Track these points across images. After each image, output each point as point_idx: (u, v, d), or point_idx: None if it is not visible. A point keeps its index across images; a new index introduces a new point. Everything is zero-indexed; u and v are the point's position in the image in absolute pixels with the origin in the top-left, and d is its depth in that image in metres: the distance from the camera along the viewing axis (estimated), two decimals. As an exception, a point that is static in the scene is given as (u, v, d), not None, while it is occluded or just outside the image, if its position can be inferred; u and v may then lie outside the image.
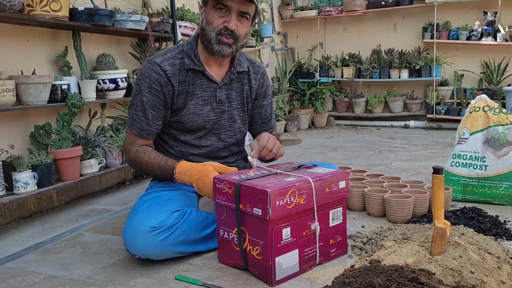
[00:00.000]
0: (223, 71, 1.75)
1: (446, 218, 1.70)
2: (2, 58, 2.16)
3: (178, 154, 1.75)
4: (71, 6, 2.37)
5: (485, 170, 2.15)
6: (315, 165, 1.64)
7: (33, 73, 2.28)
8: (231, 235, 1.47)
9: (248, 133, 1.96)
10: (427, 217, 1.92)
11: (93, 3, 2.55)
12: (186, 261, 1.59)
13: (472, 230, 1.59)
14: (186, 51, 1.70)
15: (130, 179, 3.04)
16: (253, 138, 1.97)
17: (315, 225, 1.45)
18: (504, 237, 1.71)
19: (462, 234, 1.51)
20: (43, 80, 2.16)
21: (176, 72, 1.67)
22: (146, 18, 2.80)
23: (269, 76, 1.97)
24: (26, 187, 2.03)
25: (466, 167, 2.20)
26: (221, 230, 1.51)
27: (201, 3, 1.67)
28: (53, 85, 2.26)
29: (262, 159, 1.67)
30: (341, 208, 1.56)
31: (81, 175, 2.34)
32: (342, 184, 1.53)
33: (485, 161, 2.15)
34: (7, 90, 2.02)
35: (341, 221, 1.56)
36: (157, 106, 1.67)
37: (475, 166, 2.18)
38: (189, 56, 1.69)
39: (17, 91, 2.10)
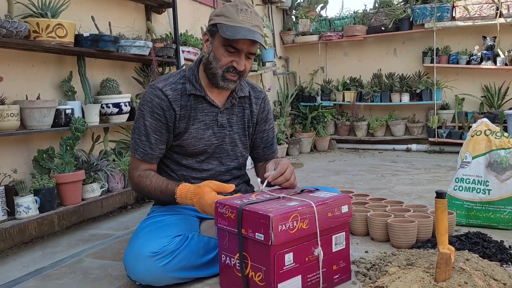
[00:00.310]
0: (225, 96, 1.77)
1: (450, 243, 1.69)
2: (7, 83, 2.19)
3: (180, 178, 1.75)
4: (76, 32, 2.42)
5: (489, 194, 2.13)
6: (317, 189, 1.63)
7: (38, 98, 2.31)
8: (233, 261, 1.45)
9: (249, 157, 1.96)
10: (431, 242, 1.90)
11: (98, 29, 2.60)
12: (187, 287, 1.57)
13: (477, 255, 1.58)
14: (188, 77, 1.72)
15: (132, 203, 3.03)
16: (254, 163, 1.97)
17: (318, 251, 1.44)
18: (509, 263, 1.68)
19: (467, 259, 1.49)
20: (47, 104, 2.18)
21: (178, 96, 1.69)
22: (150, 44, 2.85)
23: (271, 100, 1.99)
24: (28, 211, 2.02)
25: (469, 191, 2.19)
26: (223, 255, 1.49)
27: (206, 32, 1.68)
28: (57, 110, 2.28)
29: (270, 184, 1.66)
30: (344, 233, 1.55)
31: (83, 200, 2.34)
32: (344, 209, 1.52)
33: (488, 185, 2.14)
34: (12, 115, 2.04)
35: (344, 246, 1.55)
36: (160, 130, 1.68)
37: (478, 190, 2.17)
38: (190, 82, 1.71)
39: (21, 116, 2.12)
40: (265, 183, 1.59)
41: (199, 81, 1.71)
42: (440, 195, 1.32)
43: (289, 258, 1.36)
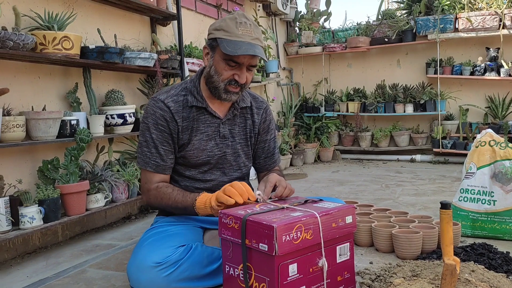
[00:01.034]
0: (226, 107, 1.78)
1: (455, 254, 1.68)
2: (13, 95, 2.21)
3: (183, 189, 1.75)
4: (82, 45, 2.45)
5: (494, 205, 2.12)
6: (321, 200, 1.63)
7: (44, 109, 2.33)
8: (236, 271, 1.44)
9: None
10: (437, 253, 1.88)
11: (103, 41, 2.63)
12: (191, 298, 1.56)
13: (483, 267, 1.56)
14: (189, 89, 1.73)
15: (135, 213, 3.03)
16: (257, 172, 1.97)
17: (323, 262, 1.43)
18: (516, 274, 1.66)
19: (473, 271, 1.48)
20: (53, 115, 2.20)
21: (180, 108, 1.70)
22: (155, 55, 2.87)
23: (274, 111, 2.00)
24: (32, 222, 2.03)
25: (474, 202, 2.18)
26: (226, 266, 1.49)
27: (206, 46, 1.69)
28: (62, 121, 2.30)
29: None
30: (348, 243, 1.54)
31: (87, 210, 2.34)
32: (349, 219, 1.51)
33: (493, 195, 2.13)
34: (17, 126, 2.05)
35: (348, 257, 1.54)
36: (167, 141, 1.69)
37: (483, 201, 2.15)
38: (192, 94, 1.72)
39: (27, 127, 2.14)
40: (261, 199, 1.59)
41: (200, 92, 1.72)
42: (445, 206, 1.31)
43: (293, 269, 1.35)
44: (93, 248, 2.31)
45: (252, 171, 2.01)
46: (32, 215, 2.03)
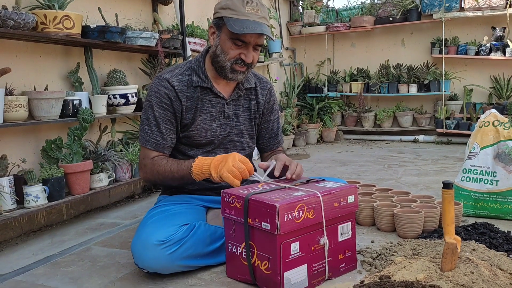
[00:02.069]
0: (231, 87, 1.77)
1: (457, 233, 1.69)
2: (15, 74, 2.20)
3: None
4: (83, 24, 2.42)
5: (496, 185, 2.12)
6: (323, 180, 1.64)
7: (46, 88, 2.33)
8: (239, 250, 1.46)
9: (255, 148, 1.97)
10: (438, 232, 1.90)
11: (105, 20, 2.60)
12: (194, 275, 1.59)
13: (484, 245, 1.57)
14: (194, 69, 1.73)
15: (139, 192, 3.05)
16: (260, 153, 1.97)
17: (324, 240, 1.44)
18: (516, 253, 1.68)
19: (473, 249, 1.49)
20: (55, 95, 2.20)
21: (184, 88, 1.69)
22: (157, 35, 2.85)
23: (277, 91, 1.99)
24: (37, 200, 2.05)
25: (476, 182, 2.18)
26: (229, 244, 1.51)
27: (212, 25, 1.68)
28: (64, 101, 2.29)
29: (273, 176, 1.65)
30: (350, 222, 1.55)
31: (90, 189, 2.36)
32: (351, 199, 1.52)
33: (496, 176, 2.13)
34: (20, 106, 2.05)
35: (350, 236, 1.55)
36: (170, 120, 1.69)
37: (485, 181, 2.16)
38: (197, 74, 1.71)
39: (29, 106, 2.14)
40: (266, 174, 1.60)
41: (205, 73, 1.71)
42: (447, 185, 1.32)
43: (295, 247, 1.37)
44: (98, 227, 2.34)
45: (255, 152, 2.01)
46: (36, 194, 2.05)
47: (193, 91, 1.71)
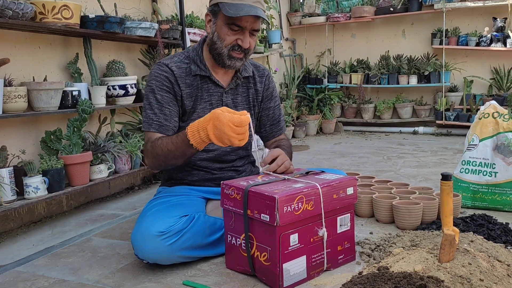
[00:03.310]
0: (229, 76, 1.77)
1: (455, 225, 1.70)
2: (14, 65, 2.19)
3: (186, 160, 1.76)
4: (82, 14, 2.41)
5: (495, 176, 2.13)
6: (323, 171, 1.64)
7: (45, 79, 2.32)
8: (238, 241, 1.47)
9: (257, 137, 1.96)
10: (436, 224, 1.91)
11: (103, 10, 2.59)
12: (194, 266, 1.60)
13: (482, 237, 1.58)
14: (192, 58, 1.73)
15: (138, 184, 3.06)
16: (263, 142, 1.96)
17: (323, 232, 1.45)
18: (514, 245, 1.69)
19: (472, 241, 1.50)
20: (54, 86, 2.19)
21: (183, 75, 1.70)
22: (156, 25, 2.83)
23: (277, 82, 1.98)
24: (37, 192, 2.05)
25: (475, 174, 2.18)
26: (228, 235, 1.51)
27: (208, 13, 1.68)
28: (64, 91, 2.29)
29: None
30: (349, 214, 1.56)
31: (90, 180, 2.36)
32: (350, 191, 1.53)
33: (494, 167, 2.13)
34: (19, 96, 2.05)
35: (349, 228, 1.56)
36: (172, 102, 1.68)
37: (484, 173, 2.16)
38: (195, 63, 1.71)
39: (28, 97, 2.13)
40: (261, 170, 1.60)
41: (203, 61, 1.72)
42: (445, 177, 1.32)
43: (294, 238, 1.38)
44: (98, 218, 2.35)
45: (255, 143, 2.01)
46: (36, 185, 2.05)
47: (192, 79, 1.71)
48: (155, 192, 1.86)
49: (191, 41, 3.30)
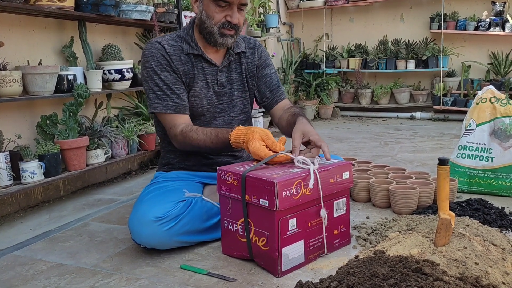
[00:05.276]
0: (221, 54, 1.76)
1: (451, 209, 1.71)
2: (8, 49, 2.17)
3: None
4: (76, -4, 2.37)
5: (491, 161, 2.14)
6: (319, 156, 1.63)
7: (40, 63, 2.29)
8: (235, 226, 1.47)
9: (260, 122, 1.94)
10: (432, 208, 1.92)
11: (98, -7, 2.54)
12: (191, 250, 1.61)
13: (477, 221, 1.59)
14: (183, 37, 1.71)
15: (136, 169, 3.06)
16: (267, 110, 1.89)
17: (324, 213, 1.45)
18: (509, 229, 1.70)
19: (467, 225, 1.51)
20: (49, 70, 2.17)
21: (176, 52, 1.68)
22: (152, 9, 2.79)
23: (274, 65, 1.94)
24: (33, 176, 2.05)
25: (472, 159, 2.19)
26: (225, 221, 1.52)
27: None
28: (59, 76, 2.26)
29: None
30: (344, 198, 1.56)
31: (87, 165, 2.36)
32: (346, 175, 1.53)
33: (491, 152, 2.14)
34: (14, 81, 2.03)
35: (344, 212, 1.57)
36: (178, 80, 1.67)
37: (481, 158, 2.17)
38: (186, 42, 1.70)
39: (23, 82, 2.11)
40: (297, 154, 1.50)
41: (195, 41, 1.70)
42: (442, 162, 1.32)
43: (292, 223, 1.38)
44: (95, 203, 2.35)
45: (260, 124, 1.97)
46: (33, 170, 2.04)
47: (186, 58, 1.70)
48: (152, 177, 1.86)
49: (188, 24, 3.26)
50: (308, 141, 1.55)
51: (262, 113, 4.18)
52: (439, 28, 4.76)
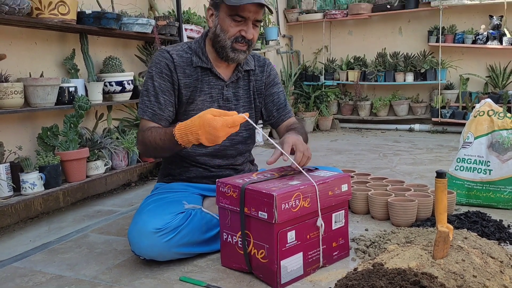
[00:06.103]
0: (231, 70, 1.78)
1: (449, 222, 1.71)
2: (11, 61, 2.19)
3: (185, 155, 1.76)
4: (78, 10, 2.40)
5: (490, 174, 2.15)
6: (316, 168, 1.65)
7: (41, 75, 2.31)
8: (235, 239, 1.48)
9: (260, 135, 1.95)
10: (431, 220, 1.92)
11: (100, 6, 2.58)
12: (190, 262, 1.61)
13: (476, 234, 1.60)
14: (194, 49, 1.73)
15: (135, 180, 3.06)
16: (274, 128, 1.91)
17: (320, 222, 1.45)
18: (507, 242, 1.71)
19: (465, 238, 1.52)
20: (50, 82, 2.19)
21: (183, 64, 1.70)
22: (153, 21, 2.83)
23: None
24: (33, 188, 2.05)
25: (470, 171, 2.20)
26: (224, 233, 1.52)
27: (210, 7, 1.68)
28: (60, 88, 2.28)
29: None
30: (343, 211, 1.57)
31: (87, 177, 2.36)
32: (344, 187, 1.54)
33: (489, 165, 2.15)
34: (16, 92, 2.04)
35: (343, 224, 1.57)
36: (169, 91, 1.68)
37: (479, 170, 2.18)
38: (197, 54, 1.72)
39: (25, 93, 2.13)
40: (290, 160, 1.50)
41: (205, 54, 1.72)
42: (440, 174, 1.33)
43: (291, 235, 1.39)
44: (95, 214, 2.35)
45: (260, 138, 1.99)
46: (33, 181, 2.05)
47: (192, 70, 1.71)
48: (152, 188, 1.86)
49: (188, 37, 3.30)
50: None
51: (262, 125, 4.20)
52: (437, 41, 4.80)
